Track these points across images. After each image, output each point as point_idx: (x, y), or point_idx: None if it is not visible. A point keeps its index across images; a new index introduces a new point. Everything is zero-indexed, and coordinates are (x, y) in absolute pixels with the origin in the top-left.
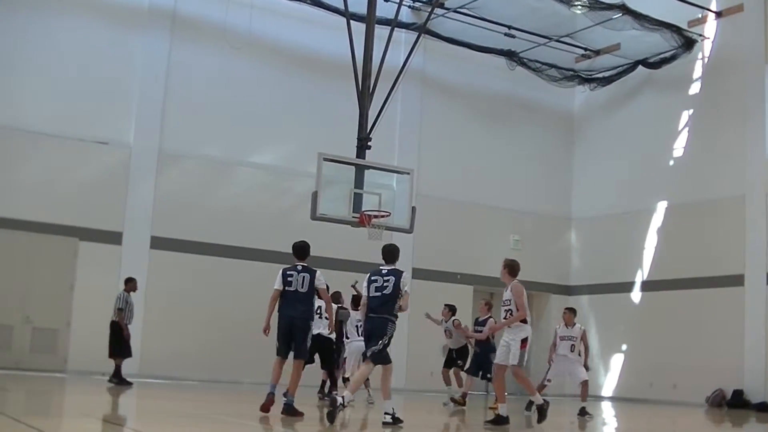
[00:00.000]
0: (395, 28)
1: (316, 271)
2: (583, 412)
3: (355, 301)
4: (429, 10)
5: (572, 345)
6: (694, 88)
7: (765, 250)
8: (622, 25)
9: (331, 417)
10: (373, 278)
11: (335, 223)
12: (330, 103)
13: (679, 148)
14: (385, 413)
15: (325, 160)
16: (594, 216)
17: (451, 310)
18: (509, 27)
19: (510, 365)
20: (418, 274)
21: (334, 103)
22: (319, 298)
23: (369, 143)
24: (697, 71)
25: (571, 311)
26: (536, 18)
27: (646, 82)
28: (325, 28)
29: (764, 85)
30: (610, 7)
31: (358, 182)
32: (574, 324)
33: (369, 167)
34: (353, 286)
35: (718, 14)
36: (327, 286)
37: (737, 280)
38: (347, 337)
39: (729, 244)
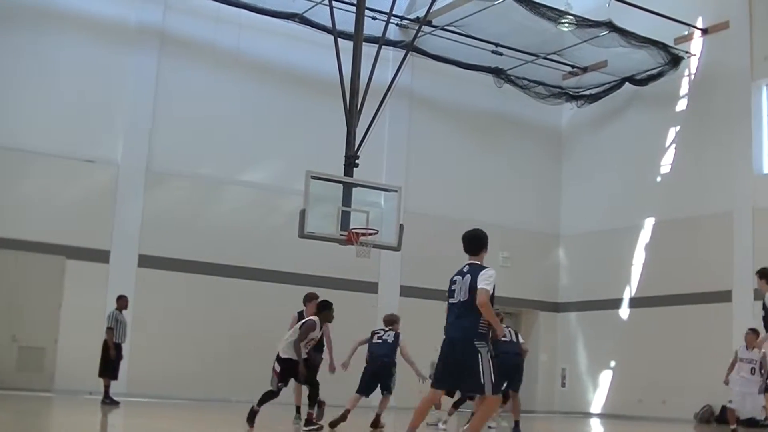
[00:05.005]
0: (383, 46)
1: (483, 268)
2: None
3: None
4: (416, 27)
5: (752, 368)
6: (681, 105)
7: (752, 266)
8: (609, 42)
9: None
10: None
11: (323, 241)
12: (318, 120)
13: (666, 164)
14: None
15: (313, 178)
16: (582, 233)
17: None
18: (496, 44)
19: None
20: (406, 291)
21: (322, 120)
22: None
23: (357, 161)
24: (684, 88)
25: (754, 332)
26: (523, 35)
27: (633, 99)
28: (313, 46)
29: (751, 102)
30: (597, 24)
31: (346, 200)
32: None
33: (357, 185)
34: None
35: (704, 31)
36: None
37: (725, 296)
38: None
39: (717, 260)
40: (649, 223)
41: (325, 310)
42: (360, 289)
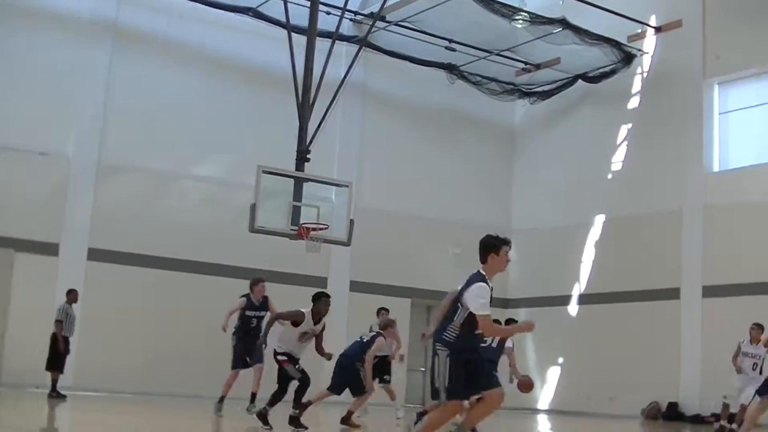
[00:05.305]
0: (336, 41)
1: (475, 280)
2: None
3: None
4: (370, 23)
5: (755, 363)
6: (633, 103)
7: (701, 264)
8: (562, 39)
9: None
10: None
11: (274, 235)
12: (271, 115)
13: (617, 161)
14: None
15: (264, 172)
16: (533, 229)
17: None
18: (450, 41)
19: None
20: (357, 287)
21: (274, 115)
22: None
23: (308, 156)
24: (637, 86)
25: (759, 327)
26: (477, 32)
27: (586, 97)
28: (266, 40)
29: (702, 100)
30: (551, 21)
31: (297, 195)
32: (760, 341)
33: (308, 180)
34: None
35: (658, 29)
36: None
37: (673, 294)
38: None
39: (666, 257)
40: (600, 220)
41: (317, 301)
42: (309, 284)
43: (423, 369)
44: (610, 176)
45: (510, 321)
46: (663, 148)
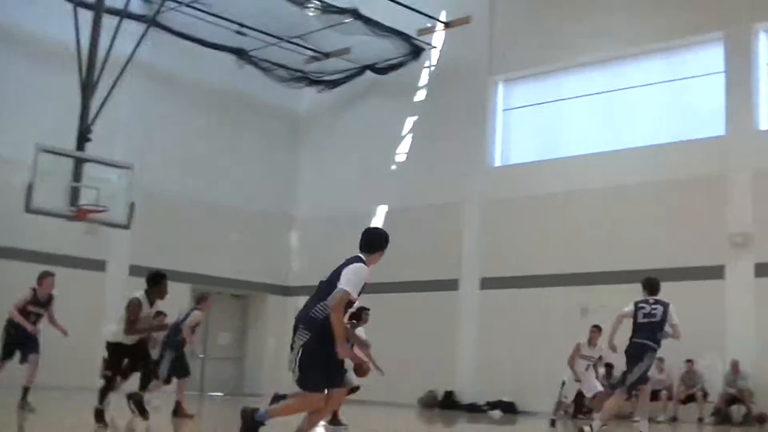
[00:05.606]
0: (124, 19)
1: (356, 261)
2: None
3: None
4: (160, 2)
5: (588, 365)
6: (420, 96)
7: (479, 256)
8: (353, 29)
9: None
10: (640, 305)
11: (51, 216)
12: (53, 91)
13: (402, 153)
14: None
15: (43, 151)
16: (316, 217)
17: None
18: (241, 25)
19: None
20: (136, 271)
21: (57, 91)
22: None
23: (89, 136)
24: (424, 79)
25: (598, 329)
26: (268, 17)
27: (373, 87)
28: (50, 12)
29: (486, 96)
30: (343, 11)
31: (77, 175)
32: (597, 344)
33: (88, 160)
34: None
35: (447, 24)
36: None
37: (452, 285)
38: None
39: (447, 249)
40: (382, 210)
41: (157, 283)
42: (87, 268)
43: (202, 356)
44: (394, 167)
45: (363, 309)
46: (447, 142)
